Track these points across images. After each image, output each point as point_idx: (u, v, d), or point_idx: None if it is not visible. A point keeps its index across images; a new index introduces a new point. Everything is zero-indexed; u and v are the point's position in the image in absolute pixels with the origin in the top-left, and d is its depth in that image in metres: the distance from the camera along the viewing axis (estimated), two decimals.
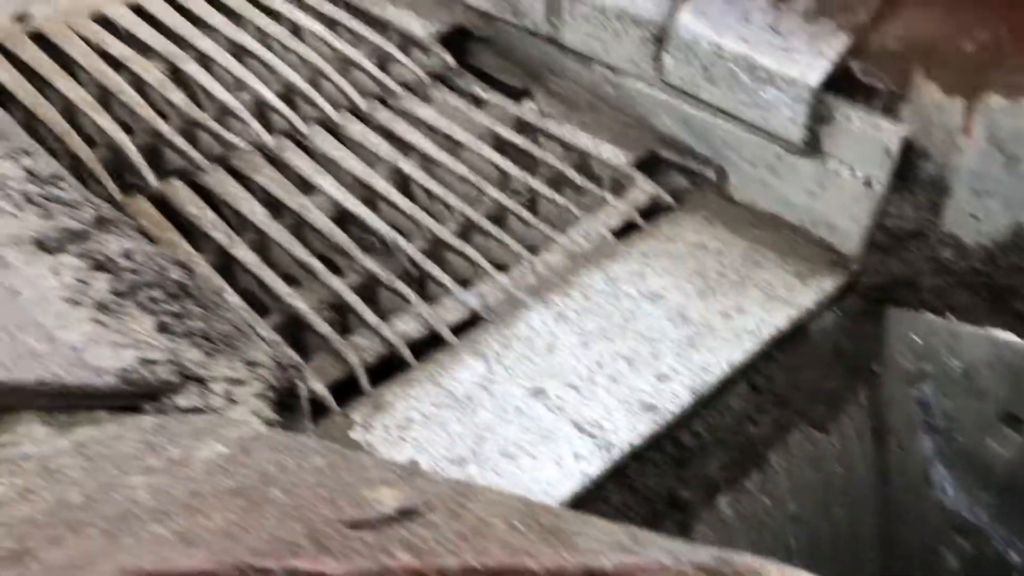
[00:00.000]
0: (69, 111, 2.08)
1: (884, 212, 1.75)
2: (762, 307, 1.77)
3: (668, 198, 2.02)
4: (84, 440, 0.80)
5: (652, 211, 2.02)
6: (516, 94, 2.33)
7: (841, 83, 1.72)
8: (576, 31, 2.11)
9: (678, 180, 2.10)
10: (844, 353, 1.89)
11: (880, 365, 1.90)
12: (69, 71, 2.19)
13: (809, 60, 1.71)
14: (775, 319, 1.75)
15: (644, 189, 2.02)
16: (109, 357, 0.91)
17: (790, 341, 1.79)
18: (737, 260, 1.86)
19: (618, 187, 2.06)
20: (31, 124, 2.00)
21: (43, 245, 1.08)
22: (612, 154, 2.09)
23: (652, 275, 1.84)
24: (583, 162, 2.13)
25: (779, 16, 1.78)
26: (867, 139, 1.69)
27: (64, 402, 0.88)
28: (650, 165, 2.10)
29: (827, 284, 1.82)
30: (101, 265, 1.08)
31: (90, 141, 2.01)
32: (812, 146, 1.77)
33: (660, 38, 1.93)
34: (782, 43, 1.75)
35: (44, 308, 0.96)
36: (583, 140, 2.14)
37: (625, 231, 1.96)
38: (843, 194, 1.79)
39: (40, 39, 2.28)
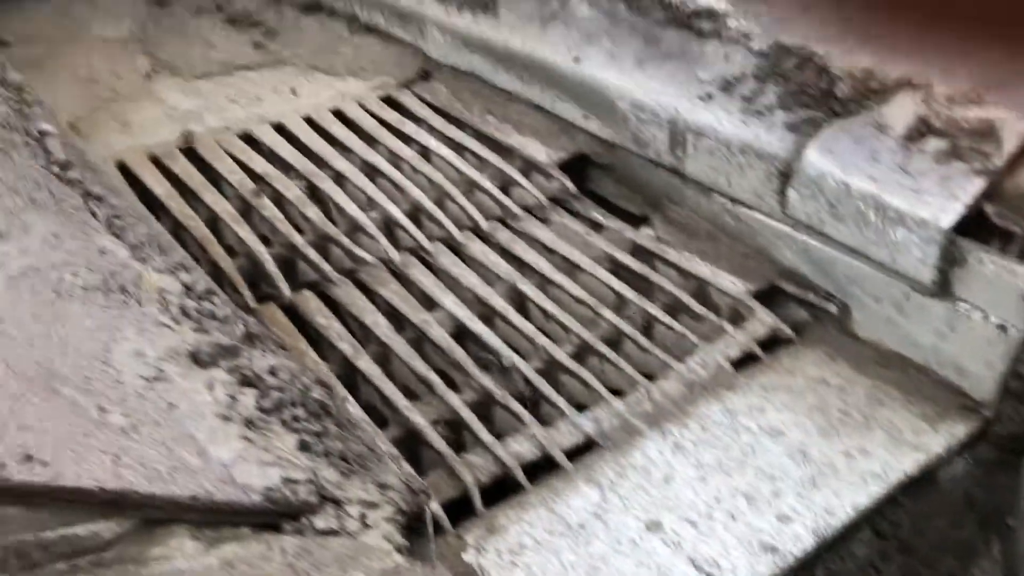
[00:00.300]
0: (213, 222, 2.22)
1: (1020, 359, 1.68)
2: (888, 450, 1.71)
3: (788, 331, 1.99)
4: (231, 559, 0.83)
5: (771, 343, 1.99)
6: (635, 220, 2.37)
7: (974, 226, 1.69)
8: (698, 162, 2.14)
9: (798, 313, 2.08)
10: (976, 503, 1.80)
11: (1015, 518, 1.79)
12: (216, 184, 2.36)
13: (941, 202, 1.70)
14: (902, 463, 1.68)
15: (763, 320, 2.01)
16: (256, 475, 0.95)
17: (918, 487, 1.71)
18: (861, 399, 1.81)
19: (737, 317, 2.05)
20: (179, 232, 2.14)
21: (197, 359, 1.14)
22: (731, 284, 2.09)
23: (772, 409, 1.80)
24: (701, 290, 2.13)
25: (909, 156, 1.78)
26: (1002, 284, 1.65)
27: (212, 517, 0.91)
28: (770, 296, 2.08)
29: (958, 430, 1.75)
30: (249, 381, 1.13)
31: (231, 251, 2.13)
32: (943, 288, 1.73)
33: (785, 173, 1.94)
34: (912, 184, 1.74)
35: (198, 423, 1.01)
36: (701, 268, 2.15)
37: (743, 362, 1.94)
38: (975, 338, 1.73)
39: (191, 154, 2.46)
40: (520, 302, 2.11)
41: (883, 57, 1.94)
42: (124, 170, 2.31)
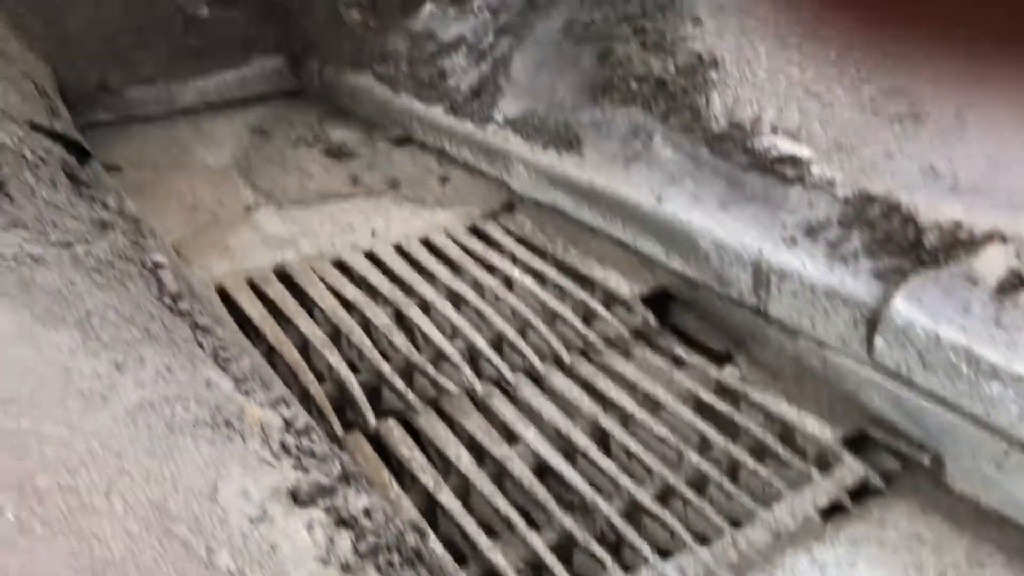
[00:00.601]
0: (305, 346, 2.29)
1: None
2: None
3: (878, 480, 1.94)
4: None
5: (860, 492, 1.94)
6: (717, 357, 2.37)
7: None
8: (783, 304, 2.15)
9: (888, 462, 2.02)
10: None
11: None
12: (308, 309, 2.44)
13: None
14: None
15: (852, 469, 1.96)
16: None
17: None
18: (960, 559, 1.73)
19: (824, 463, 2.01)
20: (272, 357, 2.21)
21: (297, 498, 1.17)
22: (818, 428, 2.06)
23: (863, 564, 1.74)
24: (787, 434, 2.10)
25: (1002, 310, 1.76)
26: None
27: None
28: (858, 444, 2.04)
29: None
30: (345, 522, 1.15)
31: (320, 377, 2.19)
32: None
33: (872, 320, 1.93)
34: (1006, 338, 1.71)
35: (299, 566, 1.03)
36: (787, 411, 2.12)
37: (832, 512, 1.89)
38: None
39: (286, 279, 2.57)
40: (602, 439, 2.10)
41: (971, 208, 1.94)
42: (223, 294, 2.42)
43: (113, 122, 3.71)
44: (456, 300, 2.54)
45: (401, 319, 2.44)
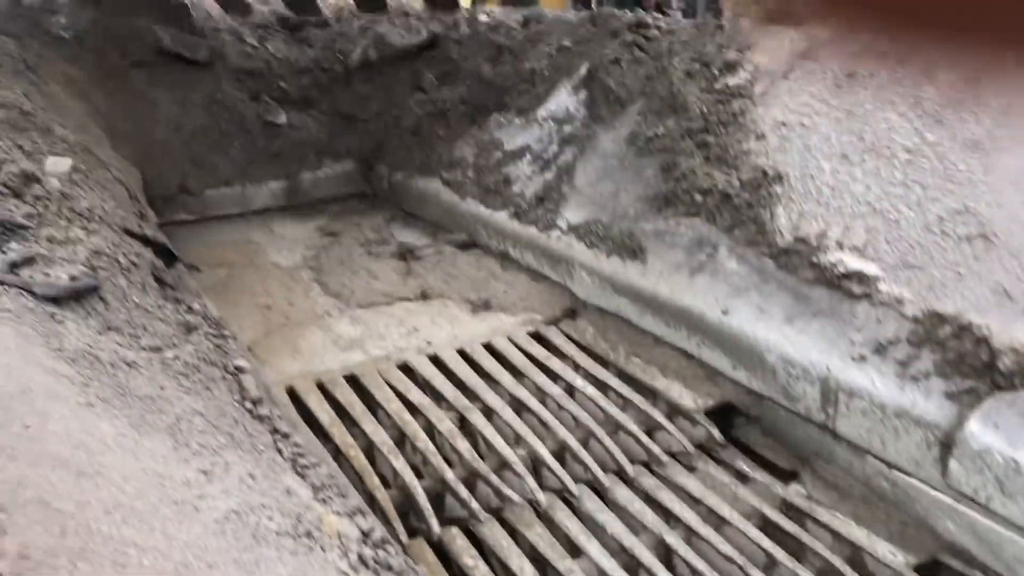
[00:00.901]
0: (370, 450, 2.32)
1: None
2: None
3: None
4: None
5: None
6: (783, 474, 2.34)
7: None
8: (851, 422, 2.13)
9: None
10: None
11: None
12: (374, 412, 2.48)
13: None
14: None
15: None
16: None
17: None
18: None
19: None
20: (339, 460, 2.24)
21: None
22: (889, 553, 2.01)
23: None
24: (856, 557, 2.05)
25: None
26: None
27: None
28: (931, 571, 1.98)
29: None
30: None
31: (385, 481, 2.21)
32: None
33: (946, 443, 1.91)
34: None
35: None
36: (856, 533, 2.08)
37: None
38: None
39: (353, 381, 2.62)
40: (666, 555, 2.08)
41: None
42: (293, 395, 2.47)
43: (191, 222, 3.88)
44: (519, 407, 2.56)
45: (465, 425, 2.46)
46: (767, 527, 2.15)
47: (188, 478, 1.28)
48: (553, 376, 2.71)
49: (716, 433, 2.44)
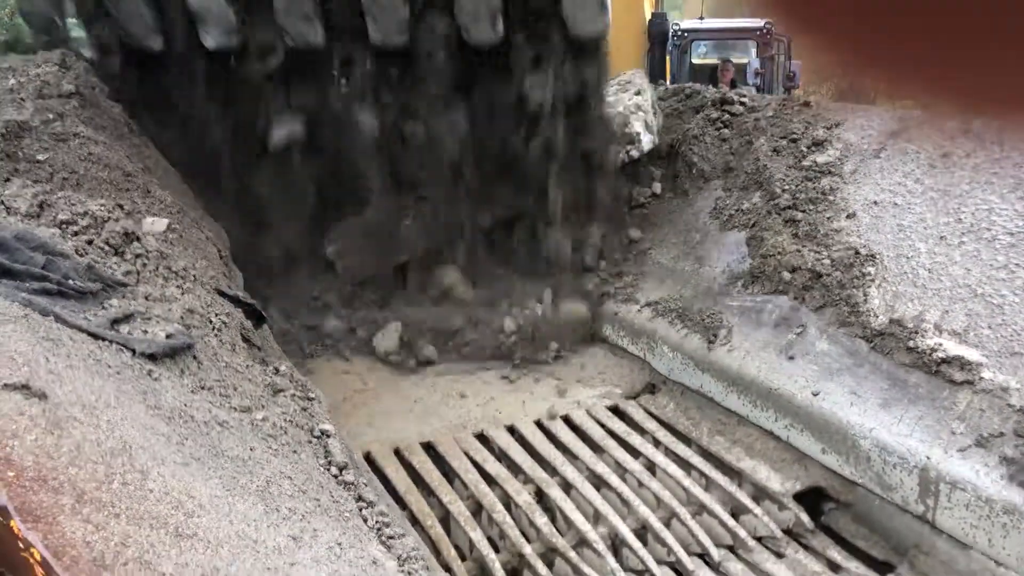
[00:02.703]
0: (446, 520, 2.28)
1: None
2: None
3: None
4: None
5: None
6: (877, 565, 2.22)
7: None
8: (954, 516, 2.02)
9: None
10: None
11: None
12: (450, 480, 2.44)
13: None
14: None
15: None
16: None
17: None
18: None
19: None
20: (415, 527, 2.21)
21: None
22: None
23: None
24: None
25: None
26: None
27: None
28: None
29: None
30: None
31: (461, 554, 2.16)
32: None
33: None
34: None
35: None
36: None
37: None
38: None
39: (429, 449, 2.59)
40: None
41: None
42: (369, 460, 2.45)
43: None
44: (598, 482, 2.49)
45: (542, 498, 2.40)
46: None
47: (279, 544, 1.26)
48: (633, 452, 2.64)
49: (805, 518, 2.34)
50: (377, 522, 1.58)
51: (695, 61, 7.98)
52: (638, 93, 3.47)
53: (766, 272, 2.72)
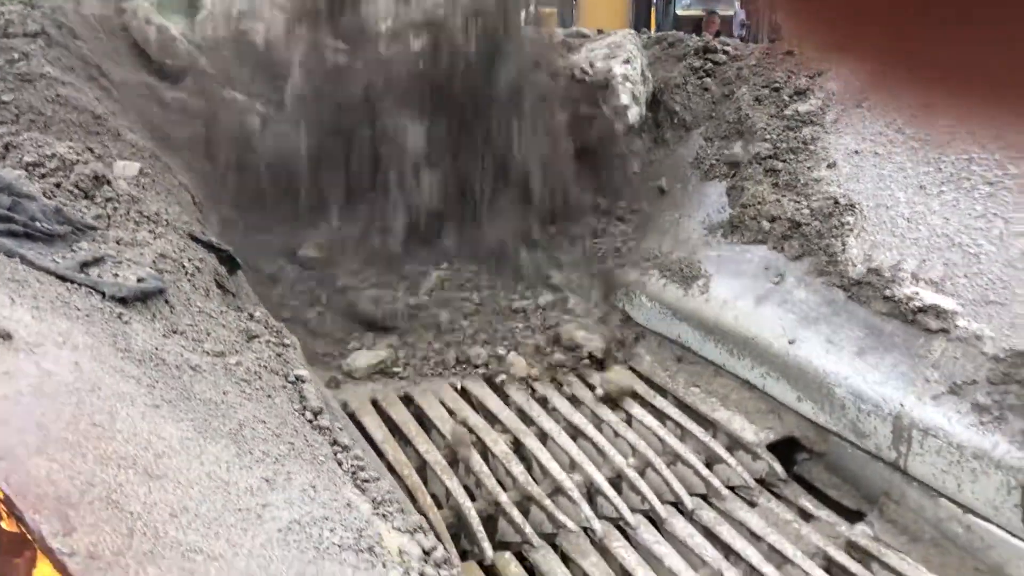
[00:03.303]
0: (423, 469, 2.28)
1: None
2: None
3: None
4: None
5: None
6: (848, 514, 2.25)
7: None
8: (925, 463, 2.04)
9: None
10: None
11: None
12: (427, 431, 2.44)
13: None
14: None
15: None
16: None
17: None
18: None
19: None
20: (391, 477, 2.21)
21: None
22: None
23: None
24: None
25: None
26: None
27: None
28: None
29: None
30: None
31: (437, 502, 2.16)
32: None
33: None
34: None
35: None
36: None
37: None
38: None
39: (408, 401, 2.58)
40: None
41: None
42: (345, 409, 2.44)
43: None
44: (575, 433, 2.50)
45: (519, 449, 2.41)
46: (832, 568, 2.06)
47: (252, 486, 1.25)
48: (611, 404, 2.65)
49: (779, 468, 2.36)
50: (352, 466, 1.57)
51: (680, 12, 7.91)
52: (627, 61, 3.37)
53: (745, 222, 2.72)
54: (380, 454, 2.28)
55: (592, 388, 2.68)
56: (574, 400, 2.63)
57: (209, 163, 3.06)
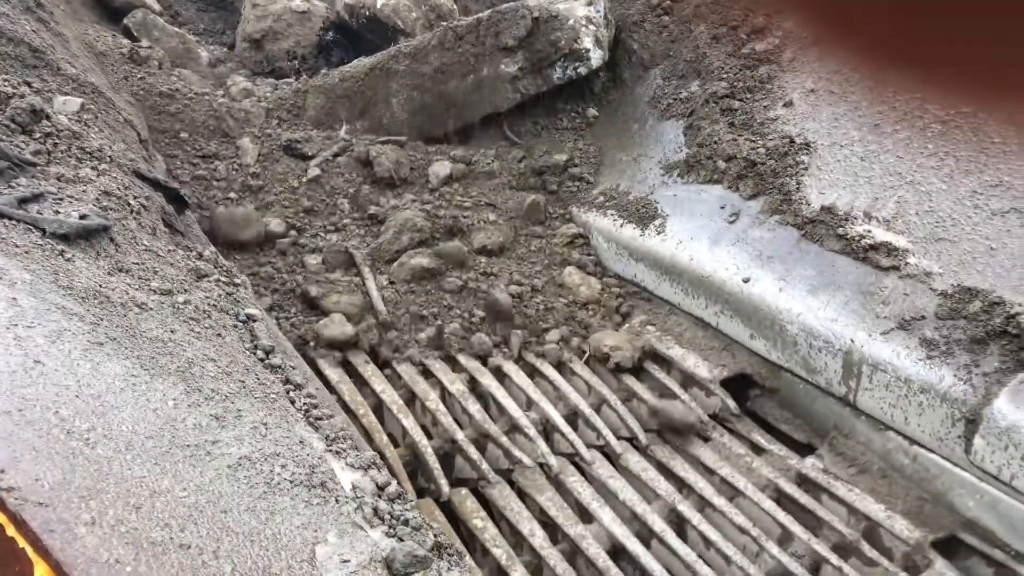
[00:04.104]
0: (379, 409, 2.27)
1: None
2: None
3: None
4: None
5: None
6: (799, 447, 2.30)
7: None
8: (873, 397, 2.08)
9: (981, 569, 1.92)
10: None
11: None
12: (383, 371, 2.43)
13: None
14: None
15: (944, 575, 1.86)
16: None
17: None
18: None
19: (912, 566, 1.92)
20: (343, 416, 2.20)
21: (392, 568, 1.14)
22: (906, 529, 1.97)
23: None
24: (872, 532, 2.01)
25: None
26: None
27: None
28: (949, 548, 1.95)
29: None
30: None
31: (393, 440, 2.16)
32: None
33: (972, 420, 1.86)
34: None
35: None
36: (872, 508, 2.04)
37: None
38: None
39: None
40: (679, 524, 2.04)
41: None
42: (301, 352, 2.42)
43: None
44: (531, 371, 2.51)
45: (475, 387, 2.41)
46: (782, 500, 2.11)
47: (200, 423, 1.23)
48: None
49: (732, 404, 2.40)
50: (305, 404, 1.56)
51: None
52: (590, 3, 3.30)
53: (701, 161, 2.71)
54: (335, 394, 2.27)
55: None
56: None
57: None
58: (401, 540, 1.22)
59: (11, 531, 0.83)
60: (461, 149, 3.18)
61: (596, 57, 3.17)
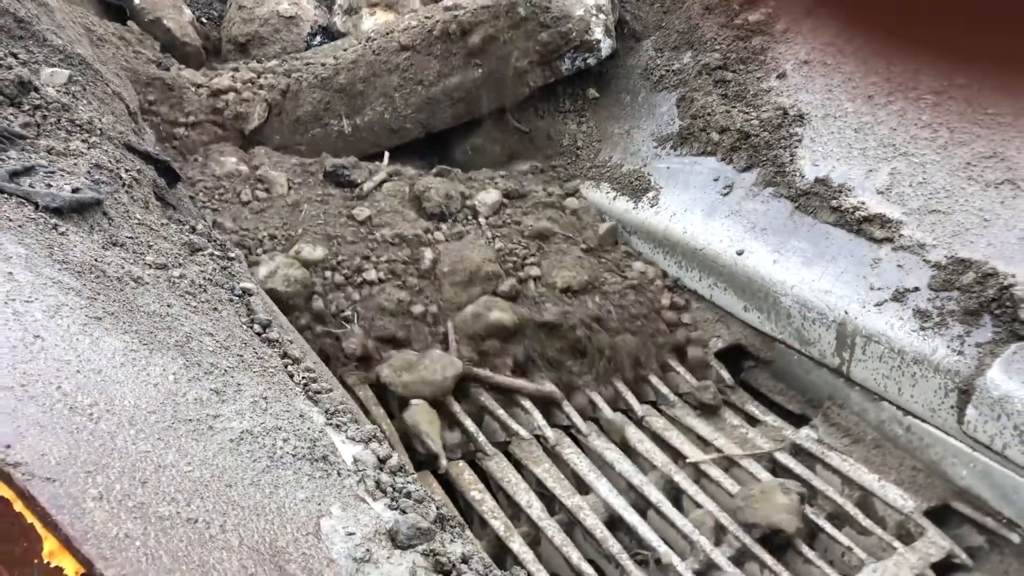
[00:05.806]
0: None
1: None
2: None
3: (965, 556, 1.87)
4: None
5: (944, 567, 1.87)
6: (794, 418, 2.31)
7: None
8: (867, 368, 2.10)
9: (973, 537, 1.95)
10: None
11: None
12: None
13: None
14: None
15: (936, 543, 1.89)
16: None
17: None
18: None
19: (906, 535, 1.94)
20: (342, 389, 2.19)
21: (396, 540, 1.14)
22: (900, 498, 1.99)
23: None
24: (866, 501, 2.04)
25: None
26: None
27: None
28: (942, 516, 1.97)
29: None
30: (444, 569, 1.12)
31: (391, 413, 2.17)
32: None
33: (965, 390, 1.87)
34: None
35: None
36: (866, 478, 2.06)
37: None
38: None
39: None
40: (675, 495, 2.05)
41: None
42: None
43: None
44: None
45: None
46: (777, 470, 2.13)
47: (201, 397, 1.23)
48: None
49: (726, 375, 2.41)
50: (304, 378, 1.55)
51: None
52: None
53: (695, 133, 2.70)
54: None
55: None
56: None
57: None
58: (404, 512, 1.22)
59: (18, 506, 0.83)
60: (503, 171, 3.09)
61: (606, 47, 3.07)
